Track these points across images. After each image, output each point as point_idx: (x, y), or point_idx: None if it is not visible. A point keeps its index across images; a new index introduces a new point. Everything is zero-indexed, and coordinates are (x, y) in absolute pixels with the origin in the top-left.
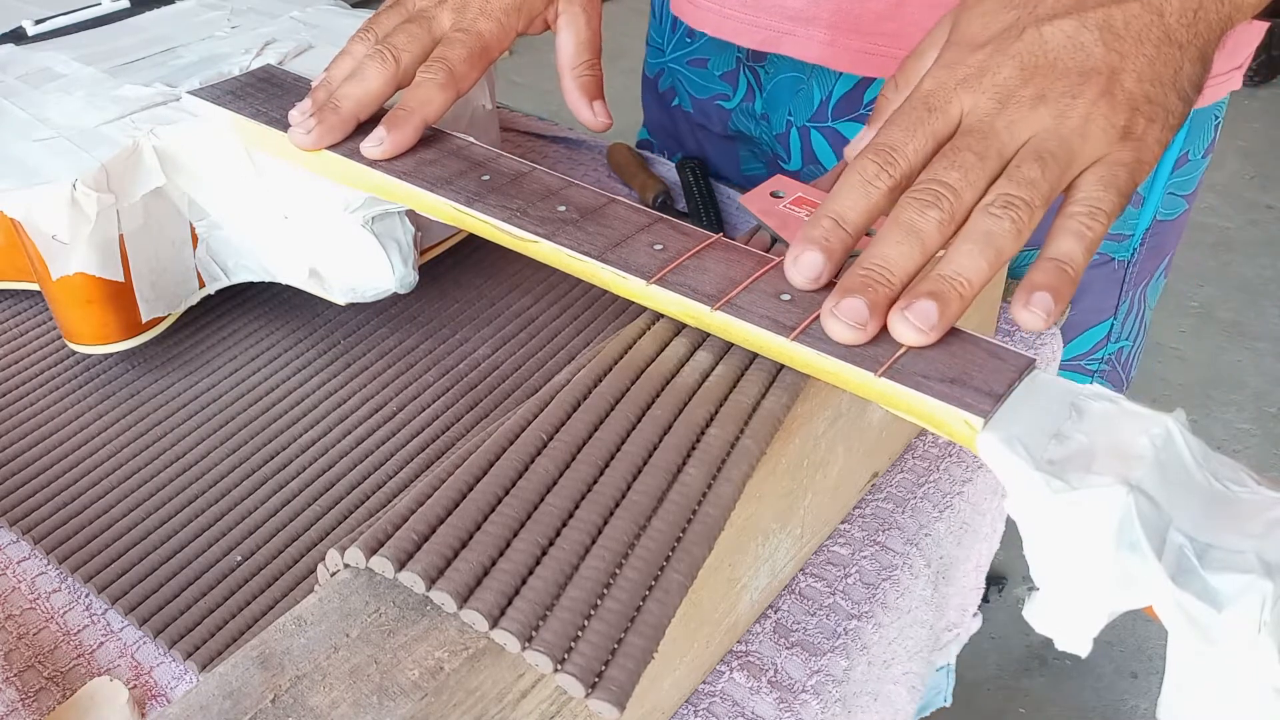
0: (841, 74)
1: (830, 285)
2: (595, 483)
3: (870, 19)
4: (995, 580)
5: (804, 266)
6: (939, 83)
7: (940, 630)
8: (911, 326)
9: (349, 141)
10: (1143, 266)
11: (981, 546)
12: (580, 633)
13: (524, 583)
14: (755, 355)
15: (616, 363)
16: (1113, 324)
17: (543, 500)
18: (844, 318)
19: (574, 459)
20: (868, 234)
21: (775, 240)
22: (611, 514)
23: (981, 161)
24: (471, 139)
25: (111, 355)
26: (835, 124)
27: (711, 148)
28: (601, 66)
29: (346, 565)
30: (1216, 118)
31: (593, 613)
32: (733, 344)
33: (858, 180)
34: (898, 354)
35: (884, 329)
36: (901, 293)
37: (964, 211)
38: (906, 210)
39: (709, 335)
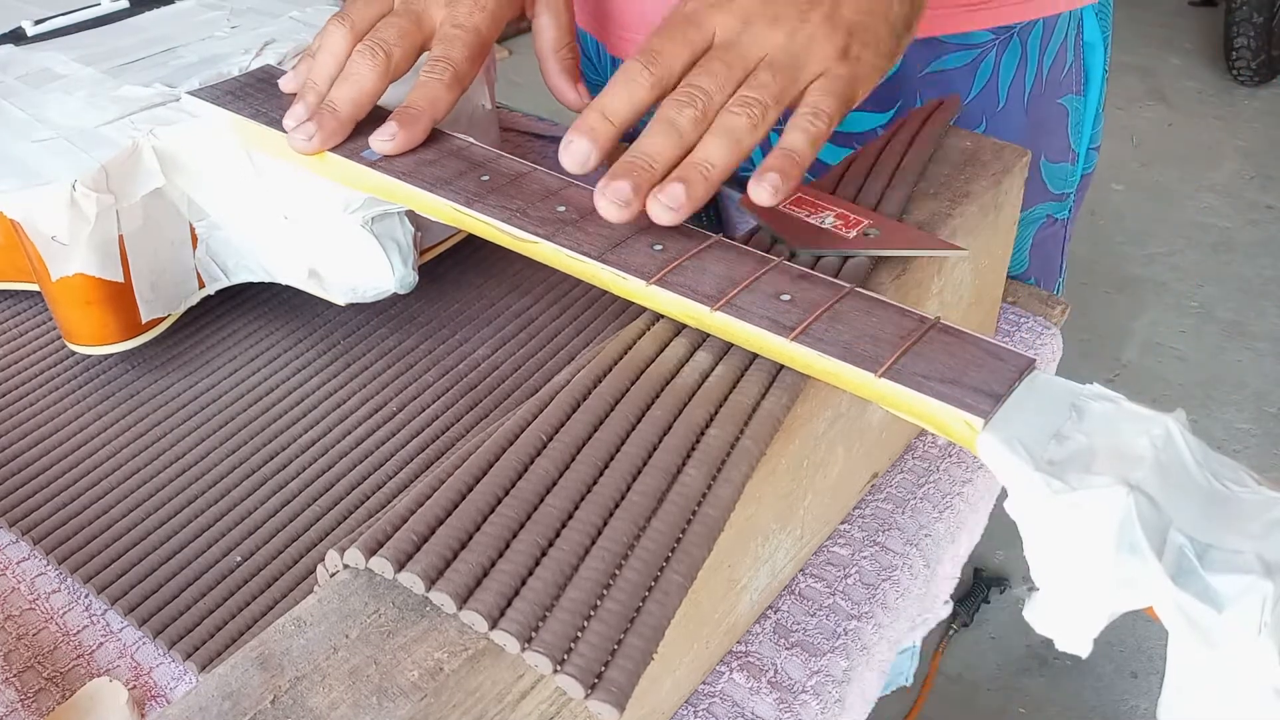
0: None
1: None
2: (595, 483)
3: None
4: (995, 581)
5: (574, 152)
6: (697, 5)
7: (915, 618)
8: (662, 206)
9: (348, 142)
10: (1073, 216)
11: (966, 538)
12: (580, 634)
13: (523, 583)
14: (755, 355)
15: (616, 363)
16: (1059, 281)
17: (542, 501)
18: (610, 197)
19: (574, 460)
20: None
21: (775, 240)
22: (611, 515)
23: (729, 70)
24: (471, 139)
25: (111, 355)
26: None
27: None
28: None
29: (346, 566)
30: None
31: (592, 614)
32: (732, 344)
33: (624, 78)
34: (898, 354)
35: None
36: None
37: (714, 111)
38: (668, 109)
39: (709, 336)
